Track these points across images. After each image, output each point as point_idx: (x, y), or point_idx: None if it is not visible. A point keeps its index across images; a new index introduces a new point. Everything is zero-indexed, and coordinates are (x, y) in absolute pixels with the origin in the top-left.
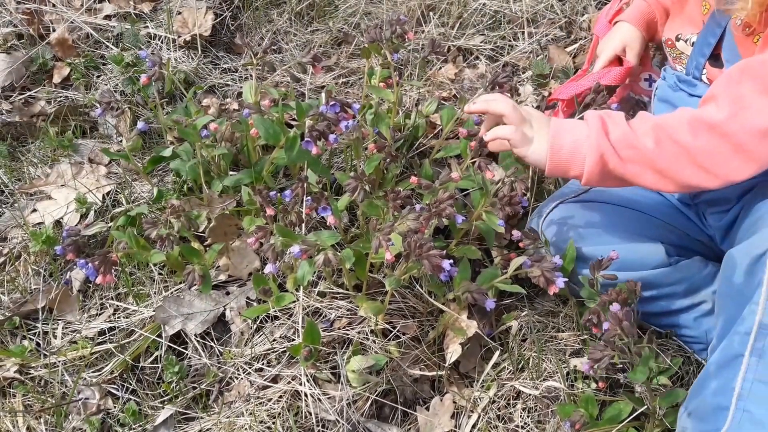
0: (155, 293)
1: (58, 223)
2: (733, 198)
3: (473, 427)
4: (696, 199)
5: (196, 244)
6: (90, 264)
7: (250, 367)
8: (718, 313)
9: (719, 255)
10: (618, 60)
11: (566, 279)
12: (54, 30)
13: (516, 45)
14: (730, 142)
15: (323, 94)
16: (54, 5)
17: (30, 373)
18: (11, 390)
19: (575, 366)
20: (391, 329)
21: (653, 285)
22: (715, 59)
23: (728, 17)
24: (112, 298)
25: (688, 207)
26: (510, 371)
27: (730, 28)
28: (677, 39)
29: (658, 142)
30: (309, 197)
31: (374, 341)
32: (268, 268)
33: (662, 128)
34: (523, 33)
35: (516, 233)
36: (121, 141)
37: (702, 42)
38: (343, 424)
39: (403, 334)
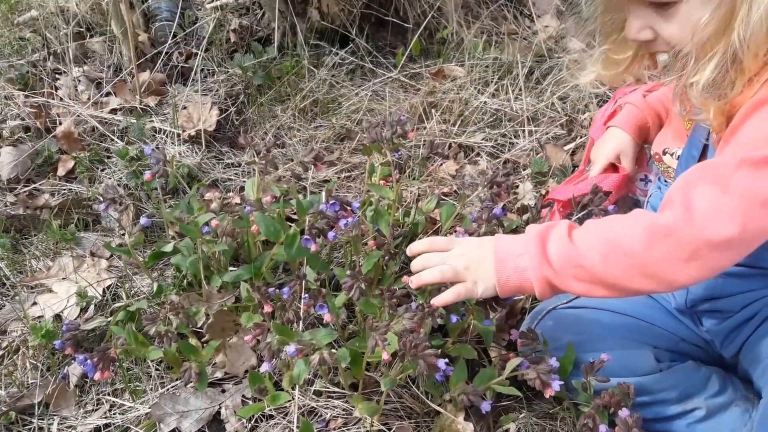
0: (151, 389)
1: (58, 317)
2: (736, 308)
3: None
4: (692, 308)
5: (193, 340)
6: (89, 360)
7: None
8: None
9: (716, 359)
10: (613, 165)
11: (562, 382)
12: (60, 123)
13: (516, 142)
14: (685, 249)
15: (324, 193)
16: (61, 99)
17: None
18: None
19: None
20: (387, 431)
21: (644, 391)
22: None
23: (707, 131)
24: (109, 394)
25: (683, 313)
26: None
27: (711, 142)
28: (664, 153)
29: (605, 258)
30: (307, 294)
31: None
32: (264, 367)
33: (611, 242)
34: (523, 131)
35: (514, 333)
36: (123, 235)
37: (687, 155)
38: None
39: None
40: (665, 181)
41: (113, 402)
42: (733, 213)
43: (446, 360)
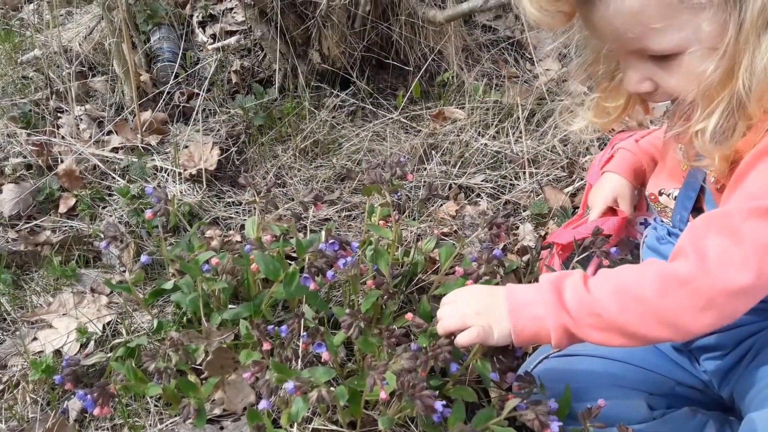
0: (150, 425)
1: (58, 352)
2: (730, 344)
3: None
4: (689, 345)
5: (192, 377)
6: (88, 395)
7: None
8: None
9: (716, 400)
10: (611, 210)
11: (561, 423)
12: (62, 161)
13: (517, 184)
14: (702, 298)
15: (323, 232)
16: (63, 137)
17: None
18: None
19: None
20: None
21: None
22: (698, 212)
23: (704, 173)
24: (108, 429)
25: (680, 353)
26: None
27: (707, 184)
28: (660, 194)
29: (621, 305)
30: (305, 332)
31: None
32: (263, 404)
33: (625, 291)
34: (524, 172)
35: (511, 376)
36: (124, 272)
37: (684, 196)
38: None
39: None
40: (661, 221)
41: None
42: (747, 262)
43: (444, 402)
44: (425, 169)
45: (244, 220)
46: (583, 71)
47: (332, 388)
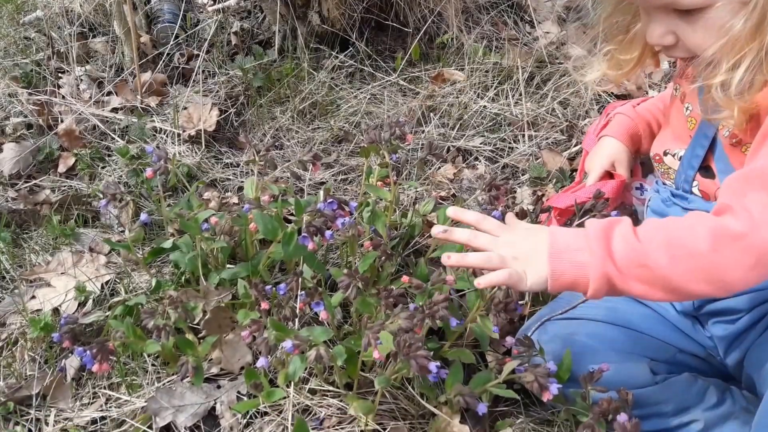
0: (148, 384)
1: (56, 311)
2: (745, 308)
3: None
4: (700, 310)
5: (190, 336)
6: (87, 351)
7: None
8: None
9: (717, 368)
10: (608, 174)
11: (560, 386)
12: (62, 121)
13: (516, 147)
14: (753, 255)
15: (321, 192)
16: (64, 97)
17: None
18: None
19: None
20: (381, 431)
21: (640, 404)
22: (706, 170)
23: (715, 128)
24: (105, 387)
25: (685, 317)
26: None
27: (719, 139)
28: (665, 154)
29: (673, 259)
30: (303, 292)
31: None
32: (260, 362)
33: (677, 244)
34: (523, 135)
35: (509, 340)
36: (122, 231)
37: (690, 154)
38: None
39: None
40: (663, 183)
41: (109, 395)
42: None
43: (438, 363)
44: (423, 131)
45: (242, 181)
46: (602, 22)
47: (329, 349)
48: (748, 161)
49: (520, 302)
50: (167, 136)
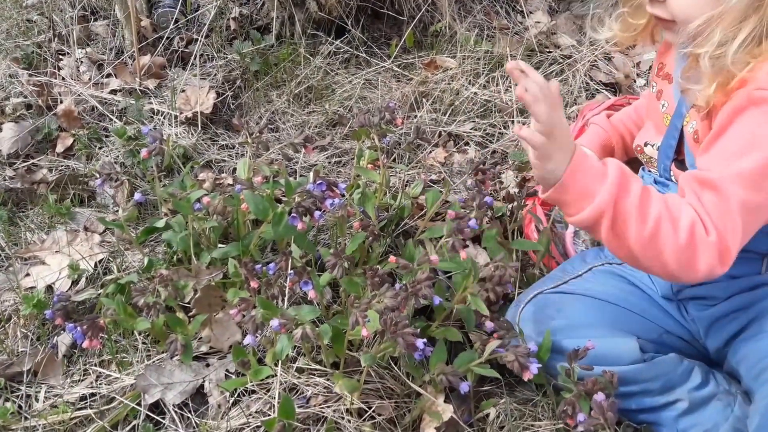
0: (138, 361)
1: (49, 288)
2: (721, 297)
3: None
4: (679, 294)
5: (180, 314)
6: (78, 328)
7: None
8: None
9: (700, 352)
10: None
11: (540, 365)
12: (61, 102)
13: (505, 133)
14: (719, 257)
15: (312, 173)
16: (63, 79)
17: None
18: None
19: None
20: (367, 409)
21: (627, 381)
22: (681, 163)
23: (682, 123)
24: (96, 365)
25: (669, 302)
26: None
27: (685, 134)
28: (645, 145)
29: (653, 237)
30: (292, 271)
31: (349, 420)
32: (248, 340)
33: (662, 227)
34: (512, 121)
35: (489, 324)
36: (117, 211)
37: (665, 145)
38: None
39: (379, 415)
40: (648, 171)
41: (100, 372)
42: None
43: (425, 341)
44: (416, 116)
45: (237, 163)
46: None
47: (316, 328)
48: (698, 155)
49: (512, 280)
50: (164, 118)
